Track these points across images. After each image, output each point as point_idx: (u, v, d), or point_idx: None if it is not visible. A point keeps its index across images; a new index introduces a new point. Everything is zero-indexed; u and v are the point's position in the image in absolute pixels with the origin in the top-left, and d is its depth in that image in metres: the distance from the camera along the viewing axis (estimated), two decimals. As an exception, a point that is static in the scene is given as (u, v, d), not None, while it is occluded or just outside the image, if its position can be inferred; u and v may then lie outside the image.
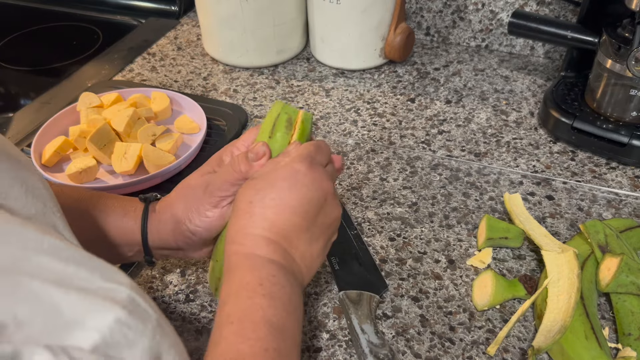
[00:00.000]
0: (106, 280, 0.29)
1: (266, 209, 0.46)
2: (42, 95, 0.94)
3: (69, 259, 0.29)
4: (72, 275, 0.28)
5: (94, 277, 0.29)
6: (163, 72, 0.99)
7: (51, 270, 0.28)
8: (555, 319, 0.55)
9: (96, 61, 1.03)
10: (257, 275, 0.43)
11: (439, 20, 1.04)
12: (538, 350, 0.53)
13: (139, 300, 0.30)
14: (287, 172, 0.48)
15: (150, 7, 1.19)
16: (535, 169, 0.77)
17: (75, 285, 0.28)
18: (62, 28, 1.18)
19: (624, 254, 0.57)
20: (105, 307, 0.28)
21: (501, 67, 0.98)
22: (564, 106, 0.80)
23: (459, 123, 0.86)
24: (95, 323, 0.27)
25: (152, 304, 0.31)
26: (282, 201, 0.46)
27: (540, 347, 0.53)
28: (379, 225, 0.69)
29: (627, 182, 0.75)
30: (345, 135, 0.84)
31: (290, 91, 0.94)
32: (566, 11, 0.95)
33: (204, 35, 1.01)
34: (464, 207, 0.72)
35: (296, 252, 0.47)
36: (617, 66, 0.74)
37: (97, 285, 0.29)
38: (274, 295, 0.43)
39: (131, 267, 0.64)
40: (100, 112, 0.81)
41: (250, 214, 0.46)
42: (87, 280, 0.29)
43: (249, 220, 0.46)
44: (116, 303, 0.28)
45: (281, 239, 0.46)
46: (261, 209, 0.46)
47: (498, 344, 0.55)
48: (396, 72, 0.98)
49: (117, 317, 0.28)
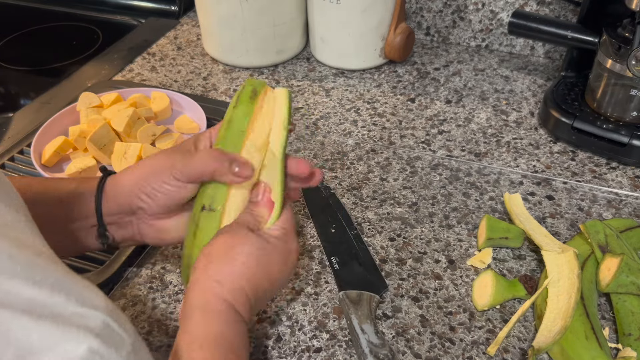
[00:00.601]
0: (81, 305, 0.29)
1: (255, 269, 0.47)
2: (42, 95, 0.94)
3: (43, 282, 0.28)
4: (45, 301, 0.27)
5: (69, 301, 0.28)
6: (163, 72, 0.99)
7: (23, 297, 0.27)
8: (556, 319, 0.55)
9: (96, 61, 1.03)
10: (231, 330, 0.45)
11: (439, 20, 1.04)
12: (538, 350, 0.53)
13: (114, 325, 0.29)
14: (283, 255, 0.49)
15: (150, 7, 1.19)
16: (536, 169, 0.77)
17: (48, 312, 0.27)
18: (62, 28, 1.18)
19: (624, 254, 0.57)
20: (79, 336, 0.27)
21: (501, 67, 0.98)
22: (564, 106, 0.80)
23: (459, 123, 0.86)
24: (68, 354, 0.26)
25: (127, 327, 0.31)
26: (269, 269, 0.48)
27: (540, 348, 0.53)
28: (379, 225, 0.69)
29: (627, 182, 0.75)
30: (345, 135, 0.84)
31: (290, 91, 0.93)
32: (566, 11, 0.95)
33: (204, 35, 1.01)
34: (464, 207, 0.72)
35: (257, 307, 0.49)
36: (617, 66, 0.74)
37: (71, 310, 0.28)
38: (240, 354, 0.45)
39: (130, 265, 0.64)
40: (100, 112, 0.80)
41: (247, 266, 0.47)
42: (61, 305, 0.28)
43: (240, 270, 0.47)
44: (90, 331, 0.28)
45: (252, 293, 0.47)
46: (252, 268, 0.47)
47: (498, 344, 0.55)
48: (396, 72, 0.98)
49: (90, 347, 0.27)
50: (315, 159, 0.79)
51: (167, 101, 0.84)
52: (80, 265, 0.64)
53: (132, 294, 0.62)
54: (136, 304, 0.60)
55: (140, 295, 0.61)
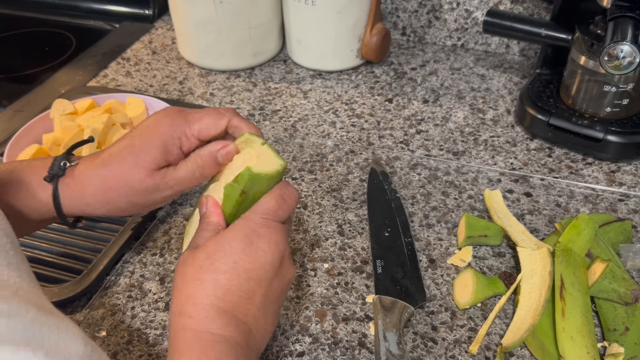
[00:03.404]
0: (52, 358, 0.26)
1: (218, 274, 0.42)
2: (14, 103, 0.92)
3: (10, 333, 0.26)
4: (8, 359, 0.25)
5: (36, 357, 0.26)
6: (138, 77, 0.98)
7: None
8: (525, 317, 0.55)
9: (69, 67, 1.01)
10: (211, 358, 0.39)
11: (414, 20, 1.04)
12: (506, 348, 0.53)
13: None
14: (242, 232, 0.44)
15: (123, 12, 1.18)
16: (513, 166, 0.78)
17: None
18: (34, 34, 1.16)
19: (610, 261, 0.57)
20: None
21: (477, 66, 0.99)
22: (540, 103, 0.81)
23: (436, 122, 0.86)
24: None
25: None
26: (235, 265, 0.43)
27: (507, 346, 0.53)
28: (360, 226, 0.69)
29: (603, 177, 0.76)
30: (324, 137, 0.84)
31: (268, 93, 0.93)
32: (540, 9, 0.96)
33: (179, 39, 1.01)
34: (444, 206, 0.72)
35: (250, 320, 0.43)
36: (591, 63, 0.75)
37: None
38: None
39: (108, 274, 0.63)
40: (75, 119, 0.79)
41: (200, 280, 0.42)
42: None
43: (199, 288, 0.42)
44: None
45: (234, 308, 0.42)
46: (212, 274, 0.42)
47: (479, 342, 0.56)
48: (373, 72, 0.98)
49: None
50: (294, 161, 0.79)
51: (143, 106, 0.83)
52: (56, 276, 0.62)
53: (111, 303, 0.61)
54: (115, 313, 0.60)
55: (119, 304, 0.61)
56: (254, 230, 0.44)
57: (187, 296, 0.42)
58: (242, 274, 0.43)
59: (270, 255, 0.45)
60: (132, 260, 0.65)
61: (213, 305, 0.42)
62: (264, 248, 0.44)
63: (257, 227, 0.45)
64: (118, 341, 0.57)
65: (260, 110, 0.90)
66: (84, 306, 0.60)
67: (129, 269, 0.64)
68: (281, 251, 0.45)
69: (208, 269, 0.43)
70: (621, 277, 0.57)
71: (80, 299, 0.61)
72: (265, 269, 0.44)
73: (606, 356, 0.54)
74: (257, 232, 0.44)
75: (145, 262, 0.65)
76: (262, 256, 0.44)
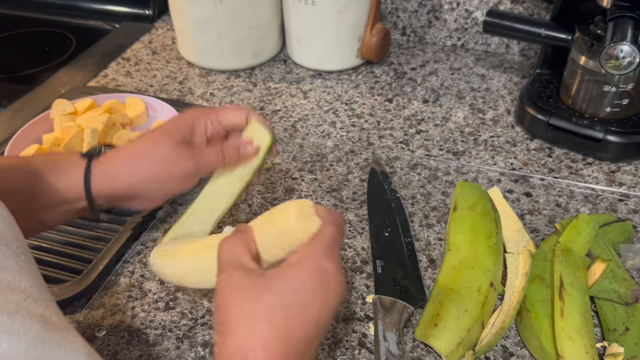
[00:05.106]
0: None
1: (288, 320, 0.38)
2: (14, 103, 0.92)
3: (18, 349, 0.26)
4: None
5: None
6: (138, 77, 0.98)
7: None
8: (500, 319, 0.55)
9: (69, 67, 1.01)
10: None
11: (414, 20, 1.04)
12: (477, 352, 0.53)
13: None
14: (316, 274, 0.40)
15: (123, 12, 1.18)
16: (513, 166, 0.78)
17: None
18: (34, 34, 1.16)
19: (611, 261, 0.57)
20: None
21: (477, 66, 0.99)
22: (540, 103, 0.81)
23: (436, 122, 0.86)
24: None
25: None
26: (306, 309, 0.39)
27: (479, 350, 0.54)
28: (360, 226, 0.69)
29: (603, 177, 0.76)
30: (324, 137, 0.84)
31: (268, 94, 0.93)
32: (540, 9, 0.96)
33: (179, 39, 1.01)
34: (444, 206, 0.72)
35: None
36: (591, 63, 0.75)
37: None
38: None
39: (108, 274, 0.63)
40: (75, 119, 0.79)
41: (268, 322, 0.38)
42: None
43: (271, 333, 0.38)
44: None
45: (297, 352, 0.39)
46: (283, 320, 0.38)
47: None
48: (373, 72, 0.98)
49: None
50: (294, 161, 0.79)
51: (143, 106, 0.83)
52: (56, 276, 0.62)
53: (111, 303, 0.61)
54: (115, 313, 0.60)
55: (119, 304, 0.61)
56: (325, 270, 0.41)
57: (256, 338, 0.38)
58: (311, 322, 0.40)
59: (336, 299, 0.41)
60: (132, 260, 0.65)
61: (278, 353, 0.38)
62: (335, 291, 0.41)
63: (329, 266, 0.41)
64: (118, 341, 0.57)
65: (260, 110, 0.90)
66: (84, 306, 0.60)
67: (129, 269, 0.64)
68: (343, 291, 0.42)
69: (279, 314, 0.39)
70: (621, 277, 0.57)
71: (80, 299, 0.61)
72: (330, 314, 0.41)
73: (606, 356, 0.54)
74: (329, 271, 0.41)
75: (145, 262, 0.65)
76: (331, 299, 0.41)
